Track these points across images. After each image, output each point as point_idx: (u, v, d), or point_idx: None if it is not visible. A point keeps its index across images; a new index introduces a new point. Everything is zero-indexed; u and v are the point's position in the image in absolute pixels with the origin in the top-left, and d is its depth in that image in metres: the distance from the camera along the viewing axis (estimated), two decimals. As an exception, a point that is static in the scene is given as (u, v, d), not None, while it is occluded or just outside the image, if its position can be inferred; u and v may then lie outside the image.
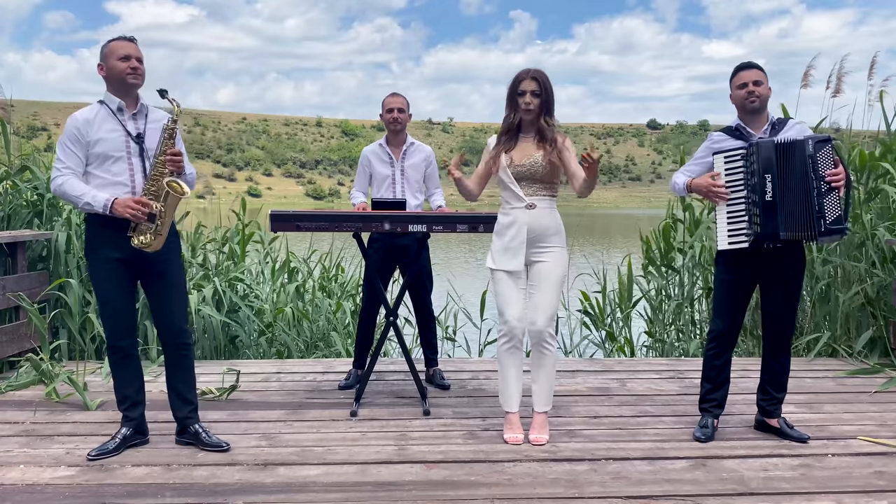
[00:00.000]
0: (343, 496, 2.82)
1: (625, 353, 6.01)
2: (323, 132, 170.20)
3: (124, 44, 3.19)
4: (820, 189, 3.22)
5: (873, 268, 5.24)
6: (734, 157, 3.37)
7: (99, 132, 3.14)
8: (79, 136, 3.13)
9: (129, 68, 3.15)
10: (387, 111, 4.38)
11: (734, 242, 3.35)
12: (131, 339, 3.30)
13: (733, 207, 3.36)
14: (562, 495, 2.83)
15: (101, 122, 3.16)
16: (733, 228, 3.36)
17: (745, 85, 3.37)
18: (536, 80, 3.36)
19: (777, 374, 3.53)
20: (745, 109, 3.41)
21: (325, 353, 5.74)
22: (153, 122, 3.25)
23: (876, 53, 5.99)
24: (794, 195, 3.25)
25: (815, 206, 3.22)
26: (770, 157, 3.27)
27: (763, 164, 3.28)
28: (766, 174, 3.27)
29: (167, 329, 3.32)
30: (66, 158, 3.14)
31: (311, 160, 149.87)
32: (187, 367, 3.38)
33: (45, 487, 2.89)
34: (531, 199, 3.39)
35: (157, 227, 3.12)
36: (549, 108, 3.41)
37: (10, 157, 5.44)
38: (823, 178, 3.23)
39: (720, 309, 3.51)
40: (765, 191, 3.27)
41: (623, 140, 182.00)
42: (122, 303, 3.23)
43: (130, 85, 3.17)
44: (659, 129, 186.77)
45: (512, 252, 3.40)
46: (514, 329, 3.39)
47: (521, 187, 3.39)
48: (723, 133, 3.52)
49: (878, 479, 2.99)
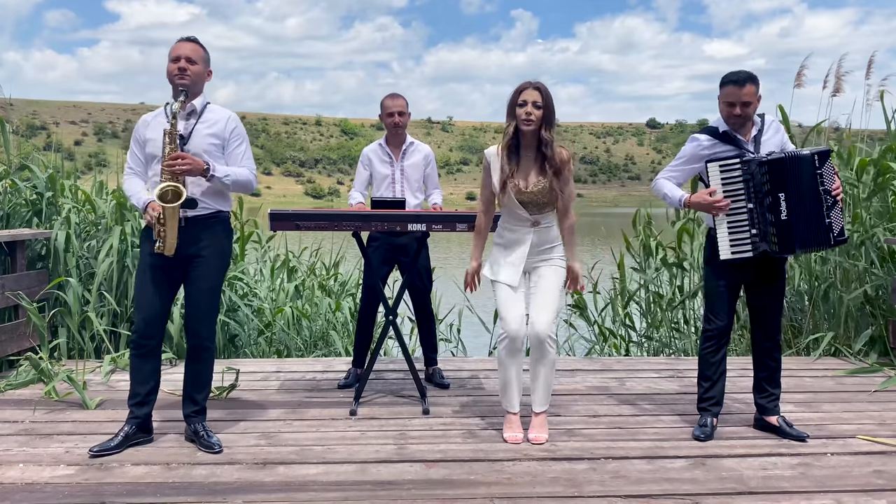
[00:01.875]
0: (342, 495, 2.82)
1: (617, 350, 6.01)
2: (322, 131, 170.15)
3: (178, 44, 3.25)
4: (827, 202, 3.25)
5: (872, 267, 5.24)
6: (731, 167, 3.32)
7: (150, 133, 3.22)
8: (137, 137, 3.28)
9: (178, 69, 3.19)
10: (387, 115, 4.37)
11: (737, 252, 3.34)
12: (155, 337, 3.31)
13: (734, 217, 3.34)
14: (561, 494, 2.83)
15: (155, 122, 3.24)
16: (735, 238, 3.34)
17: (733, 105, 3.31)
18: (539, 91, 3.31)
19: (772, 371, 3.54)
20: (729, 125, 3.38)
21: (324, 352, 5.74)
22: (206, 122, 3.26)
23: (873, 53, 5.99)
24: (807, 213, 3.26)
25: (826, 221, 3.25)
26: (782, 175, 3.25)
27: (775, 183, 3.26)
28: (780, 193, 3.25)
29: (190, 332, 3.38)
30: (131, 158, 3.32)
31: (310, 159, 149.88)
32: (200, 370, 3.41)
33: (44, 486, 2.89)
34: (535, 218, 3.40)
35: (160, 232, 3.13)
36: (550, 121, 3.36)
37: (10, 155, 5.44)
38: (829, 192, 3.25)
39: (713, 308, 3.51)
40: (779, 210, 3.26)
41: (622, 139, 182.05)
42: (152, 301, 3.26)
43: (179, 85, 3.20)
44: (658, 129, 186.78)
45: (511, 266, 3.43)
46: (515, 333, 3.40)
47: (527, 209, 3.39)
48: (708, 136, 3.43)
49: (878, 478, 2.99)
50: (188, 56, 3.22)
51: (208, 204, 3.26)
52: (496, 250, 3.51)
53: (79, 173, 6.25)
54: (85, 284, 5.14)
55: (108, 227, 5.38)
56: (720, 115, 3.41)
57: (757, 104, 3.34)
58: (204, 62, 3.30)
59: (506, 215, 3.46)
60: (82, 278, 5.17)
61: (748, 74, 3.31)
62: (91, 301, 5.03)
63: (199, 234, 3.25)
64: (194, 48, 3.26)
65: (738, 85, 3.29)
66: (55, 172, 5.54)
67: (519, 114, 3.32)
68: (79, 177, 6.08)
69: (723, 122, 3.41)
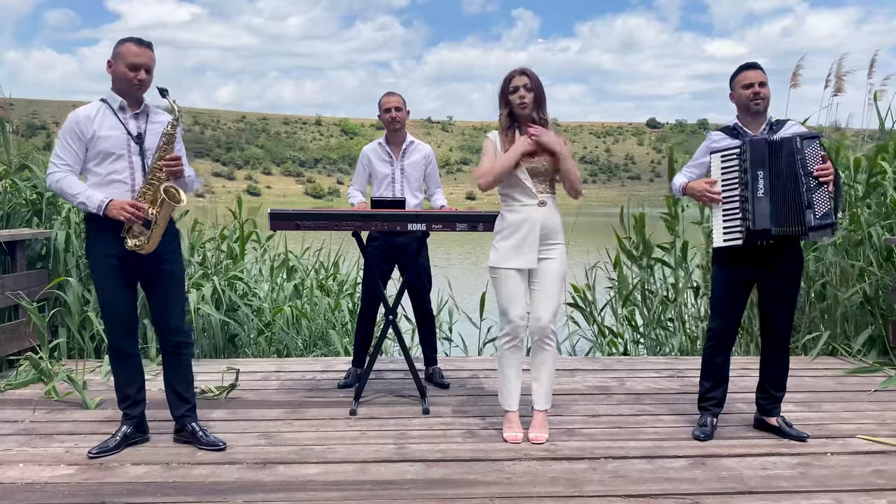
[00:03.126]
0: (342, 495, 2.82)
1: (616, 348, 6.01)
2: (322, 131, 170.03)
3: (138, 51, 3.15)
4: (809, 185, 3.24)
5: (870, 266, 5.24)
6: (730, 156, 3.39)
7: (100, 129, 3.14)
8: (78, 133, 3.13)
9: (137, 80, 3.14)
10: (384, 111, 4.37)
11: (729, 240, 3.36)
12: (131, 338, 3.31)
13: (728, 205, 3.38)
14: (561, 494, 2.83)
15: (101, 119, 3.16)
16: (728, 226, 3.37)
17: (751, 86, 3.38)
18: (526, 75, 3.39)
19: (777, 374, 3.53)
20: (749, 110, 3.42)
21: (324, 351, 5.74)
22: (154, 123, 3.25)
23: (876, 52, 5.99)
24: (784, 191, 3.27)
25: (805, 202, 3.23)
26: (761, 154, 3.29)
27: (754, 161, 3.30)
28: (759, 171, 3.29)
29: (164, 328, 3.33)
30: (65, 154, 3.15)
31: (310, 159, 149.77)
32: (184, 366, 3.38)
33: (44, 486, 2.89)
34: (542, 197, 3.40)
35: (151, 233, 3.12)
36: (542, 103, 3.42)
37: (10, 155, 5.44)
38: (811, 174, 3.24)
39: (718, 308, 3.51)
40: (756, 187, 3.29)
41: (622, 139, 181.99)
42: (121, 302, 3.23)
43: (135, 95, 3.19)
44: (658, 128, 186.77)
45: (524, 249, 3.38)
46: (517, 328, 3.40)
47: (534, 184, 3.40)
48: (721, 132, 3.53)
49: (878, 478, 2.99)
50: (147, 66, 3.17)
51: None
52: (500, 238, 3.45)
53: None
54: (85, 284, 5.14)
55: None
56: (738, 112, 3.48)
57: (769, 94, 3.43)
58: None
59: (510, 200, 3.43)
60: (82, 278, 5.16)
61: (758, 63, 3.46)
62: (91, 301, 5.03)
63: None
64: (152, 57, 3.21)
65: (753, 68, 3.43)
66: (55, 172, 5.52)
67: (513, 100, 3.39)
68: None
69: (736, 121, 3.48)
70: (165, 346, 3.36)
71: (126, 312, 3.25)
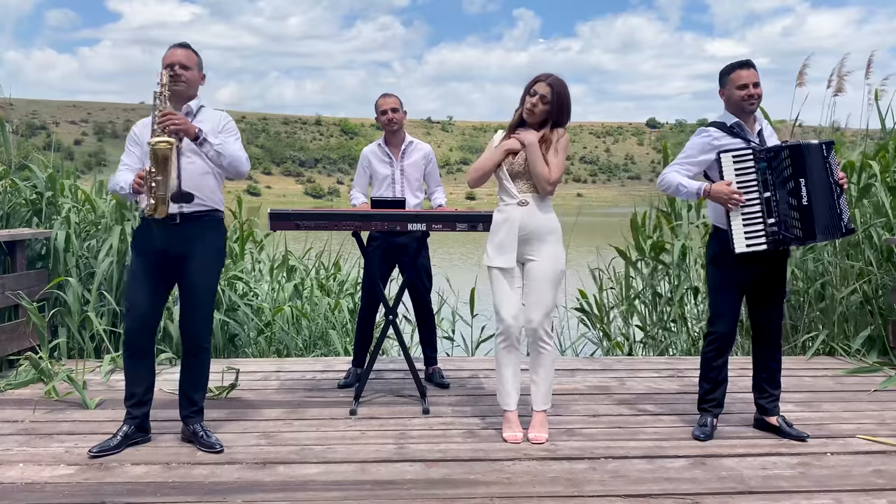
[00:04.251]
0: (342, 495, 2.82)
1: (621, 350, 6.01)
2: (322, 131, 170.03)
3: (171, 51, 3.28)
4: (837, 192, 3.27)
5: (869, 266, 5.24)
6: (744, 157, 3.32)
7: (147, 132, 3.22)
8: (135, 139, 3.31)
9: (169, 76, 3.20)
10: (381, 113, 4.38)
11: (752, 245, 3.33)
12: (146, 338, 3.32)
13: (748, 209, 3.33)
14: (561, 494, 2.83)
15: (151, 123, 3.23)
16: (751, 231, 3.34)
17: (746, 86, 3.35)
18: (551, 87, 3.36)
19: (773, 372, 3.54)
20: (743, 111, 3.39)
21: (324, 351, 5.74)
22: (199, 122, 3.25)
23: (872, 53, 5.99)
24: (823, 199, 3.28)
25: (838, 209, 3.27)
26: (802, 161, 3.27)
27: (796, 168, 3.27)
28: (801, 178, 3.27)
29: (185, 333, 3.40)
30: (127, 158, 3.34)
31: (310, 159, 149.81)
32: (196, 370, 3.41)
33: (44, 486, 2.89)
34: (524, 196, 3.40)
35: (154, 189, 3.06)
36: (560, 115, 3.41)
37: (10, 155, 5.44)
38: (837, 183, 3.27)
39: (718, 311, 3.50)
40: (800, 195, 3.27)
41: (622, 139, 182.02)
42: (144, 301, 3.26)
43: (172, 91, 3.21)
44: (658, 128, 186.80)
45: (505, 249, 3.41)
46: (510, 328, 3.41)
47: (515, 184, 3.41)
48: (718, 129, 3.44)
49: (877, 478, 2.99)
50: (181, 62, 3.24)
51: (203, 201, 3.26)
52: (488, 240, 3.51)
53: (79, 173, 6.26)
54: (85, 284, 5.14)
55: (108, 227, 5.38)
56: (725, 110, 3.45)
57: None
58: (197, 66, 3.33)
59: (498, 195, 3.50)
60: (82, 278, 5.17)
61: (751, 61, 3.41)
62: (91, 301, 5.03)
63: (192, 233, 3.25)
64: (187, 54, 3.29)
65: (746, 67, 3.38)
66: (55, 172, 5.54)
67: (526, 102, 3.41)
68: (79, 176, 6.09)
69: (729, 117, 3.43)
70: (184, 347, 3.42)
71: (144, 311, 3.27)
